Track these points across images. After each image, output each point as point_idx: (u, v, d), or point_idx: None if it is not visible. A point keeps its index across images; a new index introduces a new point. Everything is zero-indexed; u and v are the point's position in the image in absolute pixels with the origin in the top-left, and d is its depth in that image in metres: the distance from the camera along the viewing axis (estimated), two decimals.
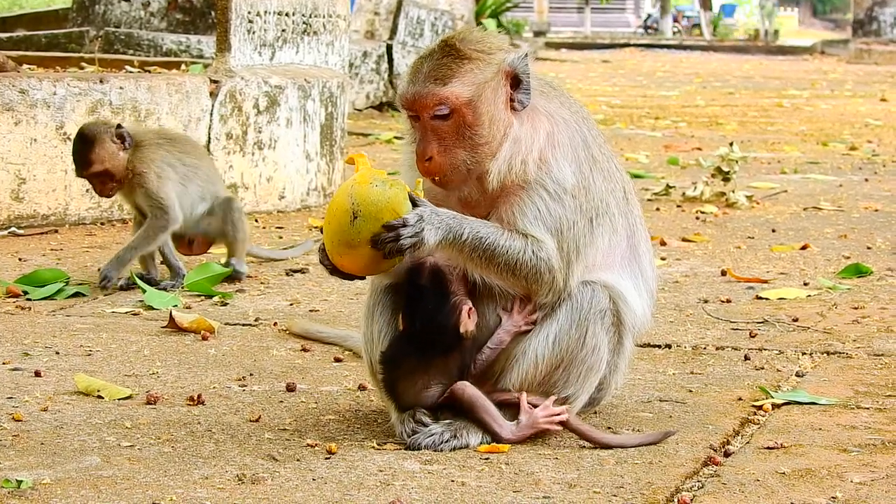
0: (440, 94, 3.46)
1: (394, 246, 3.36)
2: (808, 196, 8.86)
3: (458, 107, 3.46)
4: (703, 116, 15.79)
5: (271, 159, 8.00)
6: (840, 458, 3.44)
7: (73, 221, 7.21)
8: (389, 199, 3.40)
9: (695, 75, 25.78)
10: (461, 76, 3.47)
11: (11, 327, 4.94)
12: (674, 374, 4.35)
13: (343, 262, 3.45)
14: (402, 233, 3.36)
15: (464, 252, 3.45)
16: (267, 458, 3.39)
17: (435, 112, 3.46)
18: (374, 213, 3.38)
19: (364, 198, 3.39)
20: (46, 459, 3.36)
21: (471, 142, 3.47)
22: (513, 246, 3.46)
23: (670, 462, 3.39)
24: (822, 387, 4.18)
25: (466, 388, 3.55)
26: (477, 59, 3.50)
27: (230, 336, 4.88)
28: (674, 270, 6.18)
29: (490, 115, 3.48)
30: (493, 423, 3.52)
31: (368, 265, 3.43)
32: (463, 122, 3.47)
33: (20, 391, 4.03)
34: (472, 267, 3.49)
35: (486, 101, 3.48)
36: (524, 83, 3.51)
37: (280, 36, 8.24)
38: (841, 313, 5.28)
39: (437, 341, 3.52)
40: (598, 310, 3.56)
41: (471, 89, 3.47)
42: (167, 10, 12.15)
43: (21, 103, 7.06)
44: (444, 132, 3.47)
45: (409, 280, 3.56)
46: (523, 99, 3.52)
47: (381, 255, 3.37)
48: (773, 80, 24.53)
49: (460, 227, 3.44)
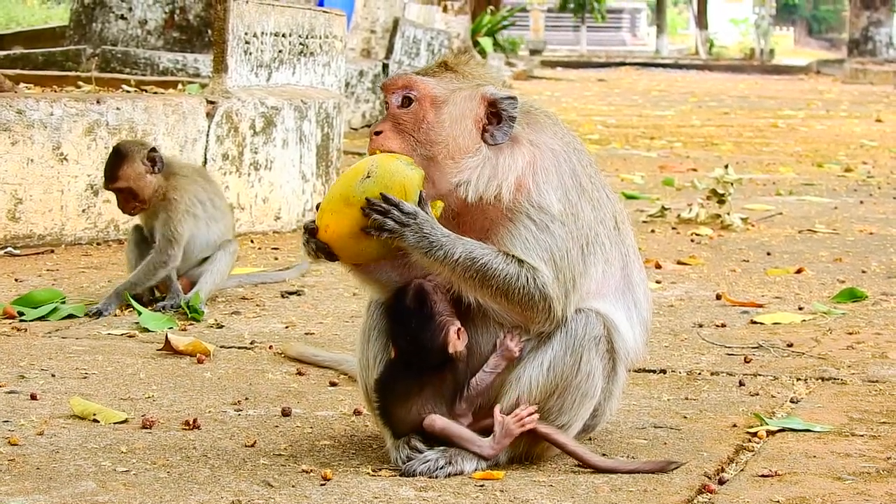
0: (411, 80, 3.55)
1: (379, 220, 3.39)
2: (804, 218, 8.87)
3: (421, 97, 3.52)
4: (698, 137, 15.82)
5: (267, 180, 8.02)
6: (834, 487, 3.45)
7: (70, 242, 7.21)
8: (406, 177, 3.43)
9: (690, 94, 25.82)
10: (439, 78, 3.56)
11: (7, 349, 4.94)
12: (668, 399, 4.36)
13: (330, 220, 3.44)
14: (391, 211, 3.39)
15: (456, 271, 3.46)
16: (262, 484, 3.39)
17: (402, 94, 3.53)
18: (386, 181, 3.40)
19: (385, 165, 3.43)
20: (42, 484, 3.36)
21: (425, 136, 3.50)
22: (508, 270, 3.47)
23: (665, 490, 3.40)
24: (817, 413, 4.19)
25: (436, 421, 3.55)
26: (460, 73, 3.59)
27: (226, 359, 4.88)
28: (669, 294, 6.19)
29: (451, 122, 3.52)
30: (472, 446, 3.53)
31: (350, 233, 3.42)
32: (423, 115, 3.52)
33: (16, 414, 4.03)
34: (465, 288, 3.49)
35: (452, 107, 3.53)
36: (504, 122, 3.53)
37: (277, 57, 8.26)
38: (836, 338, 5.29)
39: (425, 362, 3.53)
40: (592, 337, 3.57)
41: (440, 90, 3.54)
42: (164, 28, 12.16)
43: (18, 123, 7.07)
44: (403, 118, 3.53)
45: (393, 301, 3.57)
46: (497, 135, 3.53)
47: (363, 223, 3.38)
48: (768, 99, 24.56)
49: (453, 246, 3.45)
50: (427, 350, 3.51)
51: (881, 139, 15.69)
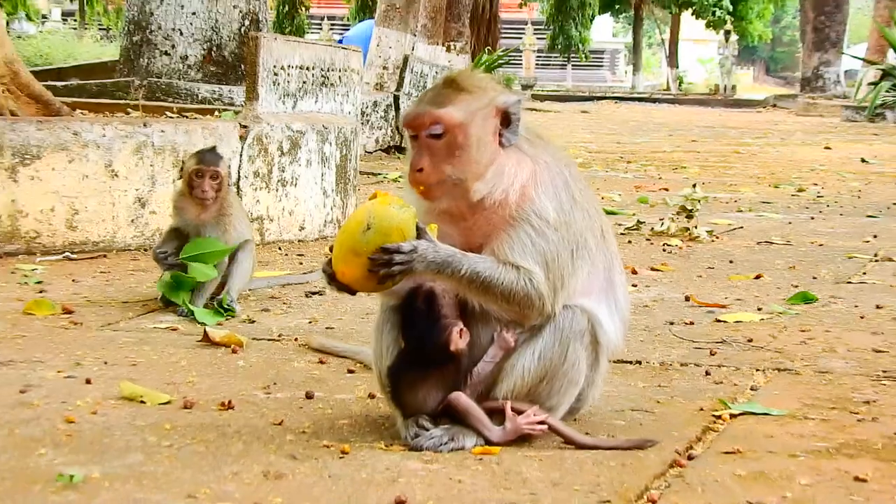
0: (436, 115, 3.48)
1: (386, 270, 3.37)
2: (762, 232, 8.87)
3: (450, 127, 3.48)
4: (669, 161, 15.82)
5: (293, 195, 8.02)
6: (790, 463, 3.45)
7: (120, 248, 7.22)
8: (401, 220, 3.41)
9: (662, 125, 25.82)
10: (457, 103, 3.49)
11: (65, 340, 4.94)
12: (643, 387, 4.36)
13: (345, 269, 3.43)
14: (394, 258, 3.37)
15: (462, 283, 3.46)
16: (288, 457, 3.39)
17: (430, 130, 3.48)
18: (385, 229, 3.39)
19: (380, 214, 3.41)
20: (95, 457, 3.36)
21: (458, 160, 3.48)
22: (507, 278, 3.47)
23: (641, 464, 3.39)
24: (774, 399, 4.19)
25: (461, 398, 3.55)
26: (472, 91, 3.53)
27: (257, 350, 4.88)
28: (644, 296, 6.19)
29: (478, 140, 3.49)
30: (483, 429, 3.53)
31: (364, 276, 3.41)
32: (454, 142, 3.48)
33: (73, 396, 4.03)
34: (471, 296, 3.50)
35: (475, 127, 3.49)
36: (514, 123, 3.53)
37: (301, 87, 8.27)
38: (790, 335, 5.29)
39: (430, 358, 3.53)
40: (577, 330, 3.57)
41: (463, 114, 3.48)
42: (203, 63, 12.17)
43: (74, 144, 7.08)
44: (436, 149, 3.49)
45: (405, 303, 3.57)
46: (510, 136, 3.53)
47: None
48: (730, 129, 24.57)
49: (458, 264, 3.44)
50: (432, 347, 3.52)
51: (829, 164, 15.69)
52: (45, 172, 6.99)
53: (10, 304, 5.62)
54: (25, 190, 6.94)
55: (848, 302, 6.10)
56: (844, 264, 7.38)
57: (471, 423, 3.53)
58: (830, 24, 38.54)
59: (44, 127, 7.03)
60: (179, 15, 12.08)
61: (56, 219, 7.03)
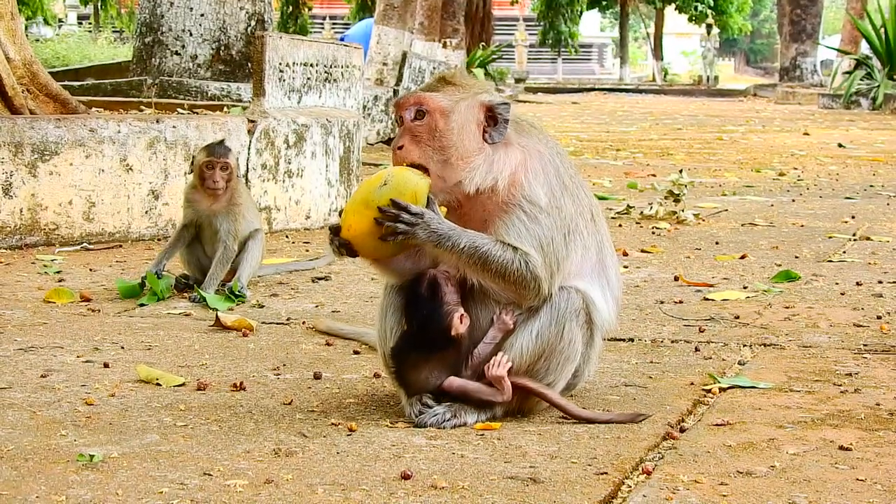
0: (419, 96, 3.50)
1: (391, 225, 3.36)
2: (745, 214, 8.84)
3: (431, 110, 3.47)
4: (656, 148, 15.78)
5: (299, 186, 7.99)
6: (777, 433, 3.42)
7: (135, 238, 7.19)
8: (417, 185, 3.40)
9: (649, 114, 25.78)
10: (442, 91, 3.51)
11: (84, 326, 4.92)
12: (636, 363, 4.33)
13: (352, 220, 3.41)
14: (401, 216, 3.36)
15: (462, 258, 3.43)
16: (298, 435, 3.36)
17: (414, 109, 3.48)
18: (400, 187, 3.38)
19: (399, 174, 3.41)
20: (114, 437, 3.34)
21: (439, 144, 3.46)
22: (504, 256, 3.45)
23: (635, 437, 3.37)
24: (761, 373, 4.16)
25: (453, 383, 3.53)
26: (459, 85, 3.54)
27: (266, 333, 4.85)
28: (634, 277, 6.16)
29: (459, 128, 3.47)
30: (487, 397, 3.50)
31: (369, 231, 3.39)
32: (435, 125, 3.47)
33: (91, 380, 4.01)
34: (469, 272, 3.47)
35: (458, 115, 3.48)
36: (500, 124, 3.51)
37: (306, 83, 8.23)
38: (775, 312, 5.26)
39: (432, 341, 3.51)
40: (573, 309, 3.54)
41: (447, 102, 3.48)
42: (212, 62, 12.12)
43: (91, 140, 7.04)
44: (418, 131, 3.48)
45: (409, 288, 3.55)
46: (495, 134, 3.51)
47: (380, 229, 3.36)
48: (714, 117, 24.53)
49: (458, 238, 3.42)
50: (434, 332, 3.49)
51: (808, 149, 15.65)
52: (64, 167, 6.95)
53: (32, 293, 5.59)
54: (45, 184, 6.90)
55: (829, 279, 6.07)
56: (825, 244, 7.36)
57: (473, 398, 3.50)
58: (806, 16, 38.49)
59: (62, 125, 6.99)
60: (189, 17, 12.03)
61: (74, 211, 7.00)
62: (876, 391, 3.92)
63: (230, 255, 5.66)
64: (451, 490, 2.89)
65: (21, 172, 6.83)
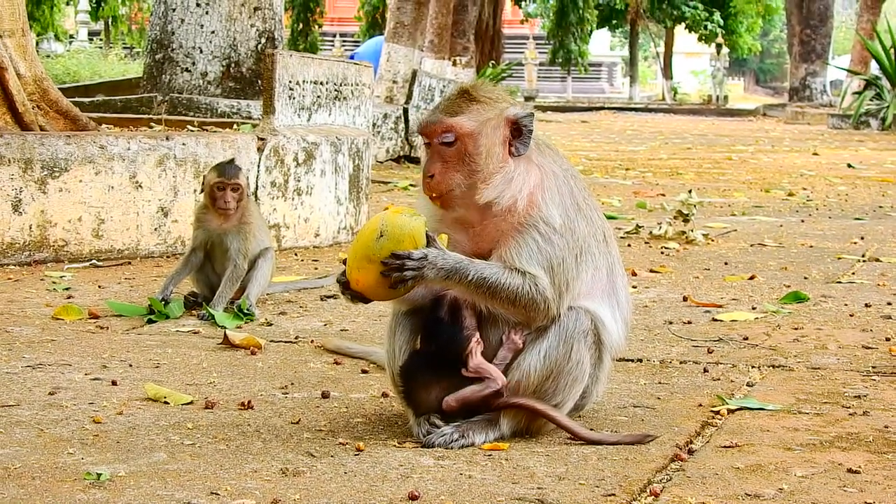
0: (448, 123, 3.46)
1: (398, 275, 3.36)
2: (755, 234, 8.84)
3: (461, 136, 3.46)
4: (665, 168, 15.78)
5: (308, 203, 7.99)
6: (785, 456, 3.42)
7: (144, 255, 7.20)
8: (413, 228, 3.40)
9: (658, 133, 25.79)
10: (468, 112, 3.47)
11: (92, 344, 4.92)
12: (645, 384, 4.33)
13: (359, 276, 3.41)
14: (406, 264, 3.36)
15: (470, 288, 3.44)
16: (306, 455, 3.36)
17: (442, 138, 3.46)
18: (398, 236, 3.38)
19: (392, 222, 3.40)
20: (121, 455, 3.34)
21: (468, 168, 3.46)
22: (513, 283, 3.44)
23: (643, 458, 3.36)
24: (769, 395, 4.16)
25: (449, 400, 3.52)
26: (484, 101, 3.51)
27: (275, 351, 4.85)
28: (643, 297, 6.15)
29: (487, 149, 3.47)
30: (486, 391, 3.48)
31: (377, 283, 3.40)
32: (465, 150, 3.46)
33: (99, 397, 4.01)
34: (478, 300, 3.48)
35: (485, 137, 3.47)
36: (525, 135, 3.50)
37: (316, 101, 8.24)
38: (784, 333, 5.26)
39: (449, 363, 3.50)
40: (581, 330, 3.54)
41: (474, 124, 3.46)
42: (222, 79, 12.16)
43: (100, 156, 7.06)
44: (447, 157, 3.47)
45: (430, 310, 3.54)
46: (520, 147, 3.51)
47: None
48: (723, 137, 24.53)
49: (466, 270, 3.42)
50: (454, 356, 3.49)
51: (817, 169, 15.65)
52: (73, 184, 6.97)
53: (40, 310, 5.60)
54: (54, 201, 6.92)
55: (838, 301, 6.06)
56: (834, 265, 7.35)
57: (475, 400, 3.48)
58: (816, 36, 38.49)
59: (72, 141, 7.01)
60: (199, 34, 12.07)
61: (83, 228, 7.01)
62: (885, 413, 3.91)
63: (240, 274, 5.66)
64: None
65: (31, 189, 6.84)
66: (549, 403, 3.53)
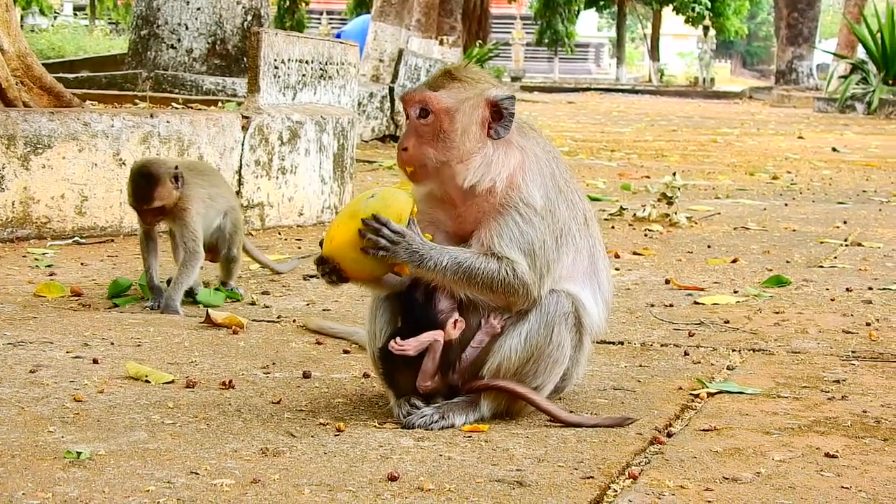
0: (425, 95, 3.47)
1: (372, 239, 3.37)
2: (738, 218, 8.85)
3: (437, 111, 3.46)
4: (650, 150, 15.79)
5: (292, 182, 7.99)
6: (763, 439, 3.43)
7: (127, 233, 7.19)
8: (402, 202, 3.43)
9: (644, 115, 25.79)
10: (448, 89, 3.49)
11: (74, 322, 4.92)
12: (625, 366, 4.34)
13: (336, 232, 3.42)
14: (382, 231, 3.37)
15: (445, 276, 3.43)
16: (286, 435, 3.37)
17: (419, 108, 3.47)
18: (387, 201, 3.40)
19: (388, 190, 3.45)
20: (102, 434, 3.34)
21: (442, 144, 3.46)
22: (489, 268, 3.45)
23: (622, 441, 3.38)
24: (749, 379, 4.17)
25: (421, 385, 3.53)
26: (465, 81, 3.51)
27: (256, 331, 4.86)
28: (626, 279, 6.17)
29: (464, 127, 3.47)
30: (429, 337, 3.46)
31: (351, 243, 3.39)
32: (440, 126, 3.46)
33: (80, 376, 4.01)
34: (456, 288, 3.47)
35: (462, 115, 3.47)
36: (505, 118, 3.50)
37: (301, 80, 8.23)
38: (765, 317, 5.28)
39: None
40: (562, 313, 3.54)
41: (452, 101, 3.47)
42: (207, 56, 12.12)
43: (84, 133, 7.04)
44: (423, 131, 3.47)
45: (406, 293, 3.54)
46: (500, 130, 3.51)
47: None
48: (709, 119, 24.54)
49: (440, 256, 3.42)
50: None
51: (802, 153, 15.67)
52: (56, 161, 6.95)
53: (22, 287, 5.59)
54: (37, 178, 6.90)
55: (819, 285, 6.09)
56: (816, 249, 7.37)
57: (431, 358, 3.47)
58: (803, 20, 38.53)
59: (55, 118, 6.99)
60: (185, 10, 12.03)
61: (66, 205, 7.00)
62: (863, 398, 3.93)
63: (193, 258, 5.32)
64: (438, 492, 2.90)
65: (13, 165, 6.83)
66: (530, 386, 3.54)
